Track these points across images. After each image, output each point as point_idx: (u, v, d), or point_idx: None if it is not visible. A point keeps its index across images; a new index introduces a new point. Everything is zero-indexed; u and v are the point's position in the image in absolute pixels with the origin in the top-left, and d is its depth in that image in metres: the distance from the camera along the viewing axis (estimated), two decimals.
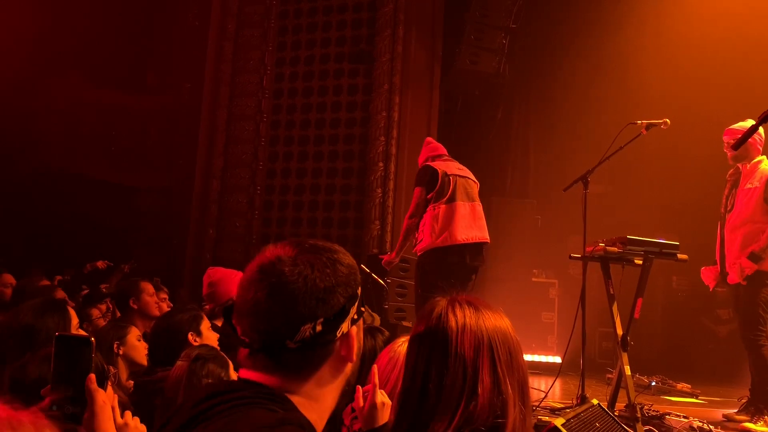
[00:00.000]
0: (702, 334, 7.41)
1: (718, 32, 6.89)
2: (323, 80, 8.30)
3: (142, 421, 2.25)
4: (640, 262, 4.05)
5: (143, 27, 9.42)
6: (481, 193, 5.17)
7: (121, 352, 3.07)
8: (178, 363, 2.13)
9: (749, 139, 4.32)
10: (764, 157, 4.55)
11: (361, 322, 1.19)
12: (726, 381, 5.85)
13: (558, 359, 6.63)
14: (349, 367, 1.17)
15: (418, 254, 4.72)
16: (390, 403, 1.89)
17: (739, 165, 4.62)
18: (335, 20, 8.32)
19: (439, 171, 4.74)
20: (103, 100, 9.14)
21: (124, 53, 9.38)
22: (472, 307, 1.33)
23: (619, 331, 4.02)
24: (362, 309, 1.18)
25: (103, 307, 4.25)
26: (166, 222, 9.15)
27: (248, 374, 1.12)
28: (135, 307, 3.73)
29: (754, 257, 4.36)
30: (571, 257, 4.32)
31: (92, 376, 1.29)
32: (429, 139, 5.28)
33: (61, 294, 4.06)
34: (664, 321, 7.57)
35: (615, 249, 3.93)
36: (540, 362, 6.79)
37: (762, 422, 4.20)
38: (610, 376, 5.80)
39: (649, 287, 4.30)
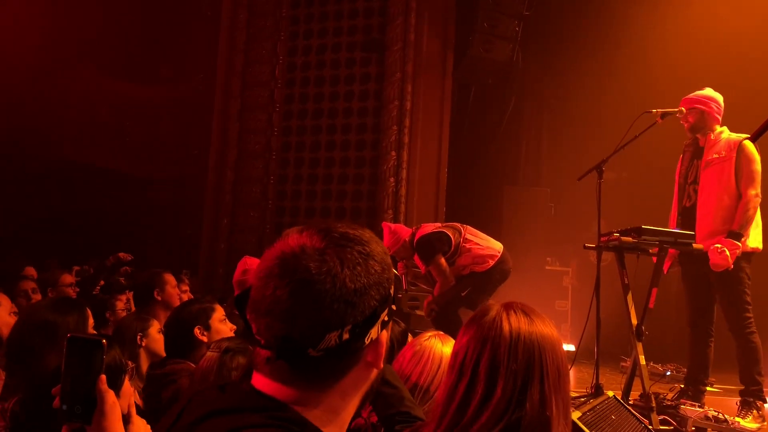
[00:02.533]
0: (717, 322, 7.35)
1: (738, 18, 6.79)
2: (335, 69, 8.29)
3: (151, 413, 2.28)
4: (655, 251, 4.03)
5: (156, 18, 9.43)
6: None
7: (143, 344, 3.12)
8: (208, 354, 2.13)
9: (706, 109, 4.31)
10: (725, 127, 4.35)
11: (391, 324, 1.06)
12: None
13: (572, 347, 6.62)
14: (374, 374, 1.05)
15: (473, 271, 5.00)
16: None
17: (698, 136, 4.39)
18: (347, 9, 8.29)
19: (440, 230, 4.97)
20: (116, 91, 9.18)
21: (137, 45, 9.41)
22: (526, 316, 1.32)
23: (634, 321, 4.01)
24: (393, 308, 1.05)
25: (124, 298, 4.30)
26: (180, 213, 9.21)
27: (263, 383, 1.00)
28: (159, 298, 3.79)
29: (735, 236, 4.06)
30: (585, 247, 4.31)
31: (103, 377, 1.30)
32: (385, 226, 5.34)
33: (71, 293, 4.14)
34: (679, 310, 7.51)
35: (629, 239, 3.91)
36: None
37: (751, 417, 4.06)
38: (624, 364, 5.80)
39: (665, 277, 4.28)
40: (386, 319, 1.02)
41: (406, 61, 7.84)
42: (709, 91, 4.41)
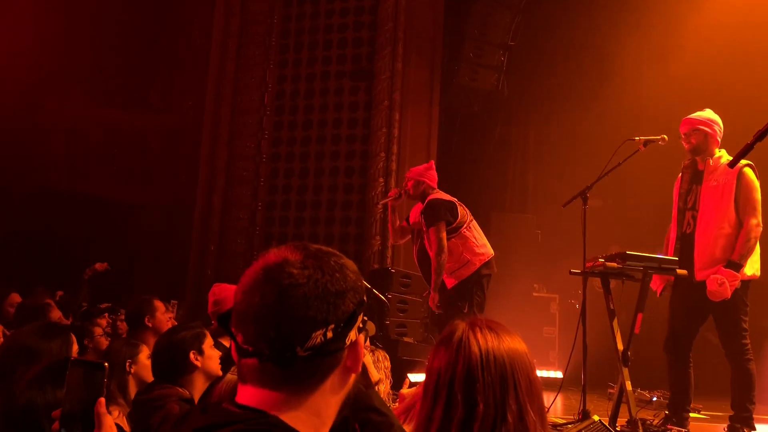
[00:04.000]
0: (704, 348, 7.38)
1: (717, 45, 6.95)
2: (324, 97, 8.37)
3: None
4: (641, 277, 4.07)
5: (146, 45, 9.50)
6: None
7: (132, 371, 3.10)
8: (229, 376, 2.10)
9: (710, 131, 4.21)
10: (724, 151, 4.23)
11: (364, 332, 1.13)
12: (728, 396, 5.83)
13: (559, 374, 6.63)
14: (352, 379, 1.11)
15: (460, 280, 4.92)
16: None
17: (698, 159, 4.29)
18: (336, 38, 8.40)
19: (454, 202, 5.00)
20: (105, 118, 9.20)
21: (126, 71, 9.45)
22: (492, 332, 1.34)
23: (620, 346, 4.02)
24: (365, 318, 1.13)
25: (103, 322, 4.28)
26: (168, 239, 9.17)
27: (249, 394, 1.05)
28: (150, 325, 3.79)
29: (733, 266, 4.00)
30: (571, 273, 4.34)
31: (102, 400, 1.31)
32: (433, 163, 5.39)
33: (56, 314, 4.10)
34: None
35: (614, 264, 3.95)
36: (541, 377, 6.77)
37: None
38: (611, 390, 5.80)
39: (651, 302, 4.31)
40: (361, 325, 1.10)
41: (394, 89, 7.94)
42: (709, 113, 4.31)
